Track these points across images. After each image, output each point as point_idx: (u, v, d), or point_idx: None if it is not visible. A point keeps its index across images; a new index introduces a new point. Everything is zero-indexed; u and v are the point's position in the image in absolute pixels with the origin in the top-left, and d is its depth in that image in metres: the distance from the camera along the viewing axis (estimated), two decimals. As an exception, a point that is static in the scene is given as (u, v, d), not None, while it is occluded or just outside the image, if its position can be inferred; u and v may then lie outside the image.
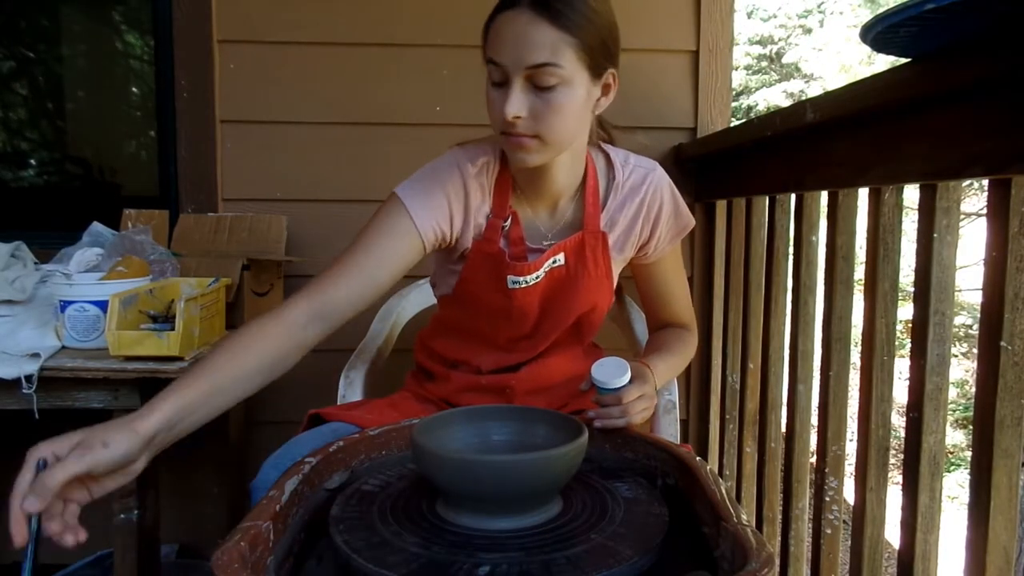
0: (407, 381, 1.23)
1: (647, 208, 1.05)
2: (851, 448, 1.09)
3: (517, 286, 1.02)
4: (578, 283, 1.04)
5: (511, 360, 1.10)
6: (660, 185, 1.05)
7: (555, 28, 0.83)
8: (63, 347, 1.20)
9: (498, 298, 1.03)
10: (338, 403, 1.23)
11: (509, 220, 1.02)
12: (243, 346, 0.85)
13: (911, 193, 1.06)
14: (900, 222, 1.03)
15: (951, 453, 5.98)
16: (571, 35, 0.84)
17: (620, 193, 1.04)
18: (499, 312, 1.05)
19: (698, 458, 0.77)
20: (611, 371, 0.90)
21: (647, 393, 0.92)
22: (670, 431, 1.19)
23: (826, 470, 1.17)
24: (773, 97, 9.96)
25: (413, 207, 0.97)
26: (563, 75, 0.85)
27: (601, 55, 0.89)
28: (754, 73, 10.93)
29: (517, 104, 0.86)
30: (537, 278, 1.02)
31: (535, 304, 1.05)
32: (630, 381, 0.90)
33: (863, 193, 1.09)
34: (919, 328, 0.94)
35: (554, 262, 1.03)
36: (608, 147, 1.08)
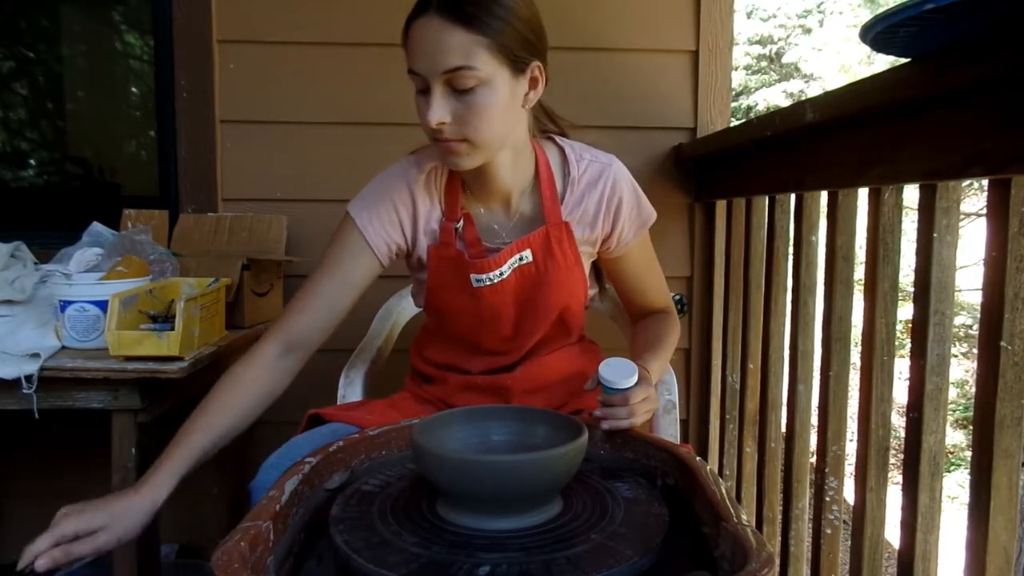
0: (406, 383, 1.23)
1: (606, 202, 1.04)
2: (851, 448, 1.09)
3: (482, 284, 1.02)
4: (550, 277, 1.03)
5: (501, 362, 1.10)
6: (618, 179, 1.04)
7: (466, 31, 0.83)
8: (63, 347, 1.20)
9: (466, 299, 1.03)
10: (338, 403, 1.23)
11: (461, 222, 1.02)
12: (221, 404, 0.97)
13: (911, 193, 1.06)
14: (900, 222, 1.03)
15: (951, 453, 5.98)
16: (483, 36, 0.84)
17: (577, 188, 1.04)
18: (471, 315, 1.05)
19: (698, 458, 0.77)
20: (619, 371, 0.90)
21: (651, 396, 0.92)
22: (670, 431, 1.19)
23: (826, 470, 1.17)
24: (773, 97, 9.96)
25: (363, 223, 1.00)
26: (480, 76, 0.85)
27: (521, 50, 0.88)
28: (754, 73, 10.93)
29: (439, 111, 0.86)
30: (502, 275, 1.02)
31: (509, 304, 1.04)
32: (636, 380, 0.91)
33: (863, 193, 1.09)
34: (919, 328, 0.94)
35: (521, 259, 1.03)
36: (563, 141, 1.07)
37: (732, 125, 1.72)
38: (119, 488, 1.16)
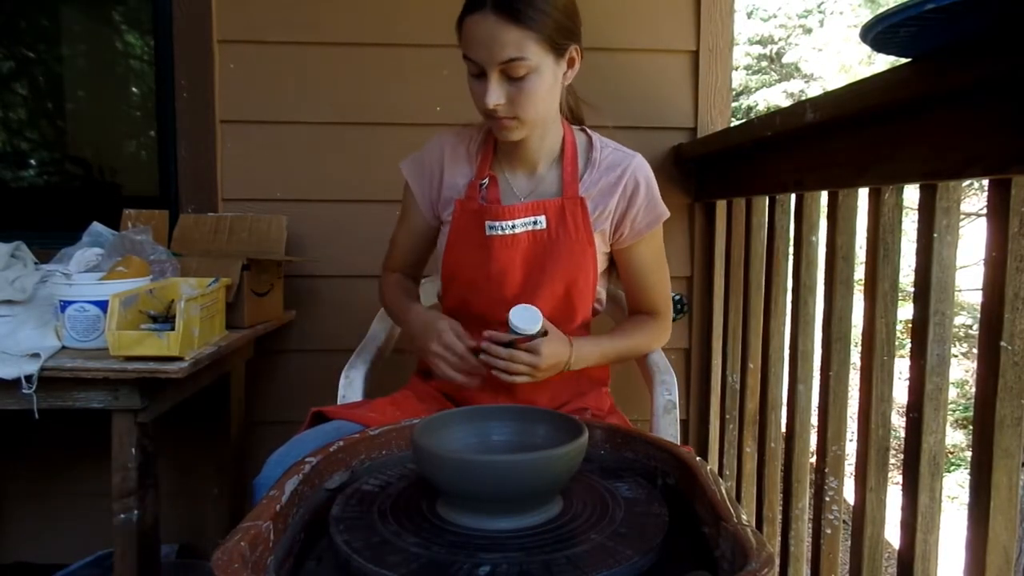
0: (411, 380, 1.24)
1: (623, 186, 1.12)
2: (851, 448, 1.09)
3: (494, 232, 1.10)
4: (560, 247, 1.10)
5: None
6: (638, 168, 1.13)
7: (517, 27, 0.95)
8: (63, 347, 1.19)
9: (477, 253, 1.11)
10: (338, 403, 1.23)
11: (487, 180, 1.14)
12: (403, 289, 1.25)
13: (911, 193, 1.06)
14: (900, 222, 1.03)
15: (951, 453, 5.98)
16: (532, 30, 0.96)
17: (597, 170, 1.13)
18: (480, 269, 1.11)
19: (698, 458, 0.77)
20: (526, 317, 0.98)
21: (540, 365, 0.99)
22: (670, 431, 1.18)
23: (826, 470, 1.17)
24: (773, 97, 9.96)
25: (412, 179, 1.20)
26: (530, 65, 0.98)
27: (561, 37, 1.00)
28: (754, 73, 10.93)
29: (495, 95, 0.99)
30: (514, 228, 1.10)
31: (517, 264, 1.11)
32: (542, 338, 0.99)
33: (863, 193, 1.09)
34: (919, 328, 0.94)
35: (535, 223, 1.11)
36: (592, 132, 1.19)
37: (732, 125, 1.72)
38: (119, 488, 1.16)
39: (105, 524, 1.28)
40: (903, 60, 0.82)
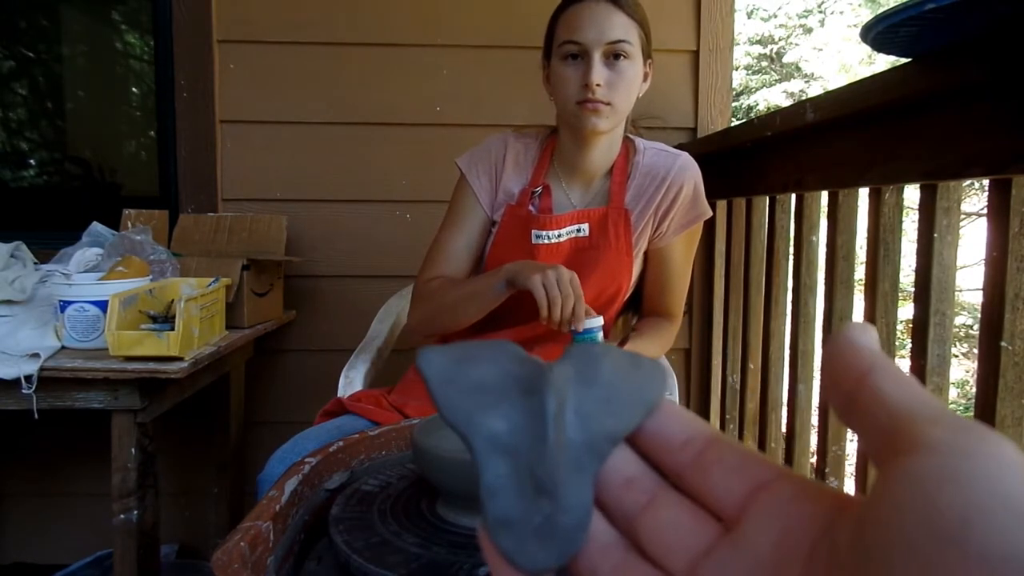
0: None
1: (666, 188, 1.13)
2: (851, 448, 1.09)
3: (540, 241, 1.11)
4: (599, 255, 1.12)
5: (532, 343, 1.13)
6: (685, 166, 1.15)
7: (625, 14, 1.05)
8: (63, 347, 1.19)
9: (522, 257, 1.11)
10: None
11: (540, 189, 1.13)
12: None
13: (911, 193, 1.06)
14: (900, 222, 1.03)
15: (951, 453, 5.97)
16: (635, 21, 1.06)
17: (639, 171, 1.15)
18: None
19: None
20: (593, 324, 1.00)
21: None
22: (670, 431, 1.18)
23: (826, 470, 1.17)
24: (773, 97, 9.95)
25: (471, 176, 1.17)
26: (631, 51, 1.05)
27: (648, 42, 1.10)
28: (754, 73, 10.93)
29: (600, 73, 1.04)
30: (560, 237, 1.12)
31: None
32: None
33: (863, 193, 1.09)
34: (919, 328, 0.94)
35: (578, 231, 1.13)
36: (636, 137, 1.21)
37: (732, 125, 1.72)
38: (119, 488, 1.16)
39: (105, 524, 1.28)
40: (903, 60, 0.82)
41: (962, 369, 6.79)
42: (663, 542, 0.21)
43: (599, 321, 0.99)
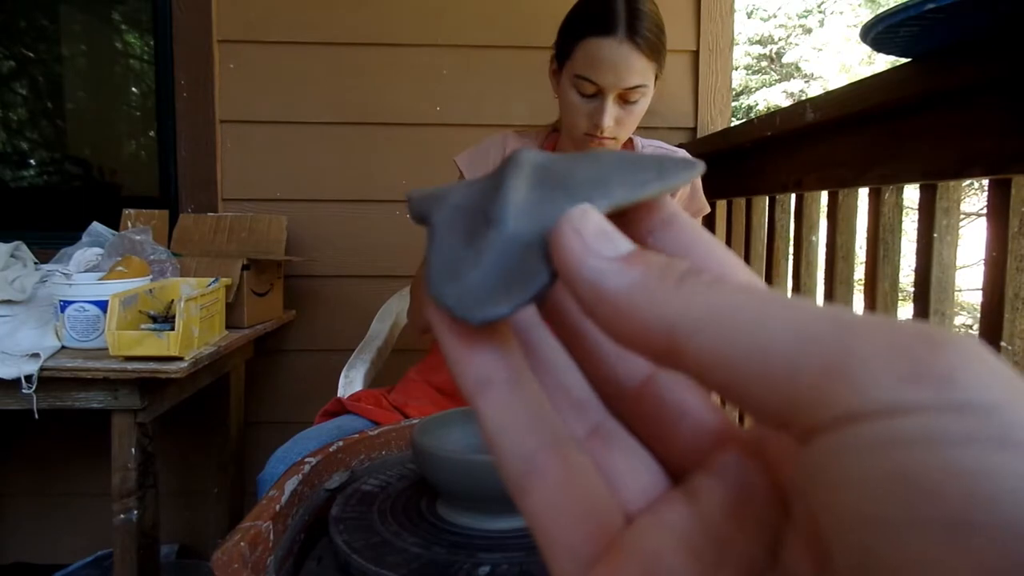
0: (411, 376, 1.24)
1: None
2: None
3: None
4: None
5: None
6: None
7: (646, 57, 0.99)
8: (63, 347, 1.19)
9: None
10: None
11: None
12: None
13: (911, 193, 1.06)
14: (900, 222, 1.03)
15: (951, 453, 5.97)
16: (654, 61, 1.02)
17: None
18: None
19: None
20: None
21: None
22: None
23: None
24: (773, 97, 9.95)
25: (470, 175, 1.16)
26: (645, 91, 1.03)
27: (662, 67, 1.05)
28: (754, 73, 10.93)
29: (611, 115, 1.02)
30: None
31: None
32: None
33: (863, 193, 1.09)
34: (919, 328, 0.94)
35: None
36: (636, 136, 1.21)
37: (732, 125, 1.72)
38: (119, 488, 1.16)
39: (105, 524, 1.28)
40: (903, 60, 0.82)
41: (962, 369, 6.78)
42: None
43: None
